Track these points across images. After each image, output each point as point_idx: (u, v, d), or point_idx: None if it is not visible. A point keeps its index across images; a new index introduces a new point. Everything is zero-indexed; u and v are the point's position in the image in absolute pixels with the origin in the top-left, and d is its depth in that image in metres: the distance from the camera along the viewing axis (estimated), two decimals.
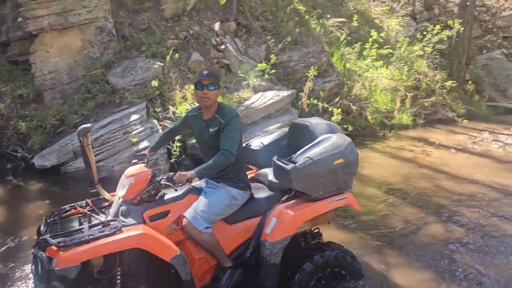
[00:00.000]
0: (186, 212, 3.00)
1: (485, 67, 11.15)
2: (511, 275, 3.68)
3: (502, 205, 5.10)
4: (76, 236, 2.63)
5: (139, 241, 2.66)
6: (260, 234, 3.19)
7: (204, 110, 3.16)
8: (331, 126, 3.52)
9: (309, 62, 8.04)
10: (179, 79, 6.54)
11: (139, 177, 2.92)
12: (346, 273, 3.35)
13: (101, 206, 3.14)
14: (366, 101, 8.33)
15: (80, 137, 3.06)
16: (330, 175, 3.18)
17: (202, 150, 3.31)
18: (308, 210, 3.19)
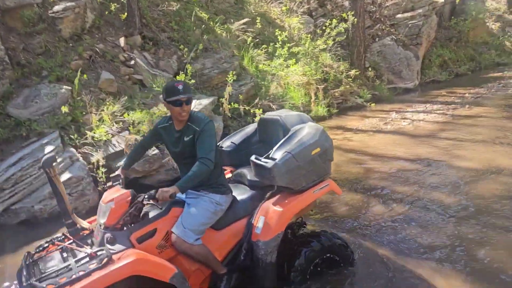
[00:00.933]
0: (173, 228, 2.93)
1: (379, 54, 12.03)
2: (456, 240, 3.95)
3: (425, 176, 5.49)
4: (66, 274, 2.49)
5: (135, 267, 2.56)
6: (250, 235, 3.17)
7: (177, 122, 3.07)
8: (301, 116, 3.56)
9: (222, 68, 8.01)
10: (92, 101, 6.09)
11: (119, 200, 2.82)
12: (340, 259, 3.46)
13: (81, 236, 2.99)
14: (283, 98, 8.53)
15: (45, 168, 2.87)
16: (310, 166, 3.20)
17: (178, 161, 3.22)
18: (294, 203, 3.20)
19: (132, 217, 2.87)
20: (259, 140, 3.81)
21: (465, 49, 14.80)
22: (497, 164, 5.66)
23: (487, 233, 3.98)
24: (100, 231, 2.83)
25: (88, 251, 2.66)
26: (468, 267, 3.50)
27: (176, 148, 3.11)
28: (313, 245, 3.33)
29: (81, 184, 5.10)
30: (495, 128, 7.49)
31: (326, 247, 3.36)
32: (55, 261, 2.76)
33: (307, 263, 3.27)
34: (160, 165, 5.79)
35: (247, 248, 3.17)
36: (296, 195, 3.23)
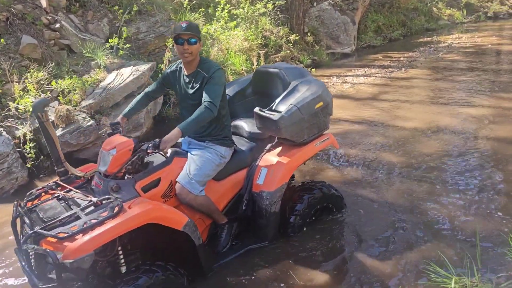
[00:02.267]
0: (178, 178, 2.91)
1: (318, 19, 11.97)
2: (406, 196, 4.02)
3: (371, 137, 5.55)
4: (76, 222, 2.41)
5: (151, 215, 2.53)
6: (251, 186, 3.25)
7: (185, 65, 3.03)
8: (301, 70, 3.56)
9: (159, 32, 7.50)
10: (13, 68, 5.43)
11: (121, 148, 2.73)
12: (333, 206, 3.68)
13: (76, 185, 2.88)
14: (224, 64, 8.22)
15: (37, 112, 2.70)
16: (313, 119, 3.28)
17: (185, 108, 3.12)
18: (298, 156, 3.31)
19: (135, 166, 2.78)
20: (254, 92, 3.79)
21: (397, 14, 15.20)
22: (436, 123, 5.86)
23: (434, 188, 4.09)
24: (102, 179, 2.74)
25: (93, 199, 2.58)
26: (420, 221, 3.56)
27: (184, 92, 3.08)
28: (315, 192, 3.49)
29: (7, 161, 4.56)
30: (430, 89, 7.77)
31: (326, 196, 3.56)
32: (57, 209, 2.63)
33: (309, 208, 3.44)
34: (96, 137, 5.34)
35: (248, 199, 3.24)
36: (299, 148, 3.33)
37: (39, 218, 2.56)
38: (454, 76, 8.58)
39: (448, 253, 3.04)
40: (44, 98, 2.89)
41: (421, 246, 3.23)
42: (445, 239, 3.30)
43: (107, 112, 5.65)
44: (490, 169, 4.41)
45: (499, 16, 17.70)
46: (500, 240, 3.18)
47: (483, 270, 2.75)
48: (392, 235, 3.40)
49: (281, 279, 3.00)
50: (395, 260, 3.10)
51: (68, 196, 2.74)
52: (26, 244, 2.39)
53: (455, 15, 17.22)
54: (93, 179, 2.86)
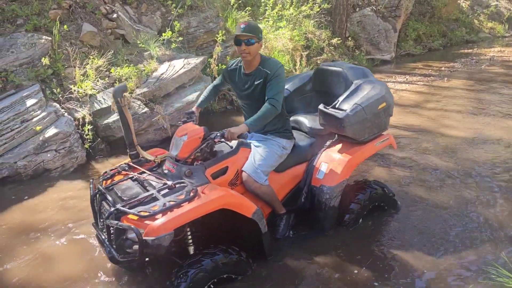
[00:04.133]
0: (245, 167, 3.05)
1: (359, 24, 11.97)
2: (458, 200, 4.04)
3: (419, 142, 5.56)
4: (154, 203, 2.57)
5: (225, 201, 2.66)
6: (310, 180, 3.37)
7: (245, 64, 3.13)
8: (364, 71, 3.64)
9: (208, 28, 7.69)
10: (75, 54, 5.67)
11: (192, 135, 2.89)
12: (386, 205, 3.77)
13: (147, 168, 3.03)
14: None
15: (117, 97, 2.90)
16: (375, 119, 3.37)
17: (245, 105, 3.28)
18: (359, 153, 3.41)
19: (203, 153, 2.94)
20: (313, 89, 3.87)
21: (438, 24, 15.02)
22: (483, 133, 5.83)
23: (484, 194, 4.11)
24: (175, 164, 2.89)
25: (168, 182, 2.72)
26: (472, 223, 3.59)
27: (244, 90, 3.18)
28: (369, 191, 3.58)
29: (69, 140, 4.79)
30: (474, 100, 7.70)
31: (379, 195, 3.65)
32: (133, 189, 2.79)
33: (363, 208, 3.53)
34: (149, 124, 5.54)
35: (307, 192, 3.36)
36: (360, 146, 3.42)
37: (118, 196, 2.74)
38: (498, 88, 8.47)
39: (507, 255, 3.07)
40: (123, 85, 3.05)
41: (477, 248, 3.27)
42: (500, 241, 3.32)
43: (159, 101, 5.85)
44: None
45: None
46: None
47: None
48: (447, 235, 3.45)
49: (333, 268, 3.11)
50: (454, 258, 3.15)
51: (141, 178, 2.89)
52: (108, 220, 2.54)
53: (496, 29, 16.89)
54: (164, 164, 3.00)
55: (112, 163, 5.05)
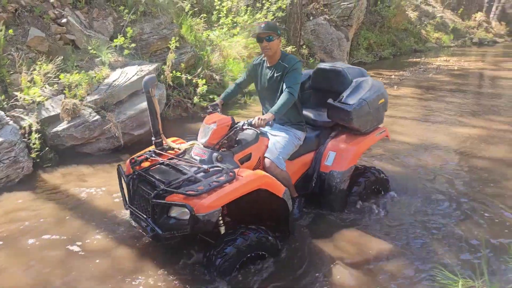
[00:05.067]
0: (267, 154, 3.39)
1: (313, 32, 12.25)
2: (421, 209, 4.20)
3: (374, 148, 5.74)
4: (200, 184, 2.79)
5: (262, 181, 2.94)
6: (319, 166, 3.78)
7: (268, 58, 3.52)
8: (362, 71, 4.11)
9: (162, 34, 7.59)
10: (22, 60, 5.43)
11: (221, 123, 3.15)
12: (382, 189, 4.20)
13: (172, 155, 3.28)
14: (223, 70, 8.35)
15: (148, 88, 3.12)
16: (375, 113, 3.84)
17: (265, 96, 3.63)
18: (364, 143, 3.89)
19: (230, 140, 3.21)
20: (311, 87, 4.18)
21: (388, 34, 15.65)
22: (431, 140, 6.10)
23: (438, 198, 4.30)
24: (206, 150, 3.14)
25: (203, 166, 2.97)
26: (428, 227, 3.73)
27: (265, 82, 3.55)
28: (368, 175, 4.03)
29: (14, 150, 4.56)
30: (422, 107, 8.06)
31: (377, 179, 4.09)
32: (171, 173, 3.03)
33: (365, 189, 3.97)
34: (101, 132, 5.38)
35: (317, 177, 3.77)
36: (363, 136, 3.88)
37: (157, 179, 2.94)
38: (445, 96, 8.91)
39: (454, 258, 3.21)
40: (153, 76, 3.23)
41: (430, 250, 3.40)
42: (451, 245, 3.47)
43: (111, 109, 5.70)
44: (488, 181, 4.64)
45: (483, 42, 18.38)
46: (502, 247, 3.37)
47: (488, 275, 2.91)
48: (396, 240, 3.57)
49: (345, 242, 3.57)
50: (402, 261, 3.25)
51: (173, 163, 3.14)
52: (155, 199, 2.78)
53: (442, 39, 17.81)
54: (193, 150, 3.27)
55: (62, 172, 4.87)
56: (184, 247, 3.33)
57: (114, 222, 3.80)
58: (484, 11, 20.15)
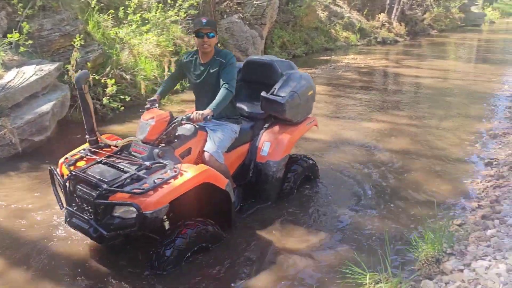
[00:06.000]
0: (207, 148, 3.44)
1: (228, 30, 12.20)
2: (326, 206, 4.29)
3: None
4: (146, 181, 2.81)
5: (207, 176, 3.02)
6: (255, 157, 3.91)
7: (202, 55, 3.54)
8: (290, 64, 4.34)
9: (65, 31, 7.04)
10: None
11: (159, 118, 3.16)
12: (313, 175, 4.53)
13: (110, 152, 3.22)
14: (134, 69, 7.99)
15: (80, 84, 3.02)
16: (306, 104, 4.06)
17: (200, 91, 3.67)
18: (297, 132, 4.10)
19: (169, 135, 3.22)
20: (242, 79, 4.24)
21: (300, 33, 16.09)
22: (340, 135, 6.35)
23: (340, 192, 4.45)
24: (146, 146, 3.13)
25: (145, 163, 2.98)
26: (334, 224, 3.85)
27: (199, 79, 3.57)
28: (301, 163, 4.25)
29: None
30: (333, 104, 8.38)
31: (309, 165, 4.37)
32: (110, 171, 2.95)
33: (297, 176, 4.19)
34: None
35: (253, 168, 3.89)
36: (295, 126, 4.08)
37: (97, 179, 2.86)
38: (353, 93, 9.37)
39: (361, 253, 3.33)
40: (85, 72, 3.14)
41: (337, 248, 3.50)
42: (357, 241, 3.61)
43: (6, 113, 5.17)
44: (393, 176, 4.92)
45: (386, 41, 19.65)
46: (404, 239, 3.58)
47: (393, 267, 3.07)
48: (304, 235, 3.63)
49: (282, 231, 3.79)
50: (313, 261, 3.31)
51: (111, 161, 3.07)
52: (99, 200, 2.75)
53: (350, 38, 18.73)
54: (132, 147, 3.22)
55: None
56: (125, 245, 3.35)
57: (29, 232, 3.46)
58: (386, 12, 21.55)
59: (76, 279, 3.06)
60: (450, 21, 26.36)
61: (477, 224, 3.59)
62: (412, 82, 10.95)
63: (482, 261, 2.81)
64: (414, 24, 23.13)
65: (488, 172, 4.93)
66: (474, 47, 19.82)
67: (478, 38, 23.34)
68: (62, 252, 3.35)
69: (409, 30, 22.24)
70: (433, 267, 2.97)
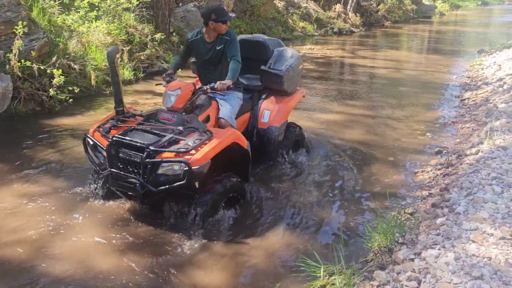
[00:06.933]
0: (222, 115, 3.92)
1: (183, 19, 11.94)
2: (280, 199, 4.26)
3: None
4: (186, 142, 3.24)
5: (235, 137, 3.52)
6: (257, 124, 4.42)
7: (210, 34, 4.01)
8: (279, 41, 4.85)
9: (6, 17, 6.58)
10: None
11: (185, 88, 3.57)
12: (300, 142, 5.07)
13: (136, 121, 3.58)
14: (84, 59, 7.63)
15: (111, 58, 3.36)
16: (297, 76, 4.64)
17: (206, 67, 4.15)
18: (292, 101, 4.70)
19: (192, 104, 3.65)
20: None
21: (257, 22, 16.00)
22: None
23: (299, 186, 4.43)
24: (174, 113, 3.52)
25: (179, 128, 3.38)
26: (289, 217, 3.83)
27: (206, 56, 4.06)
28: (292, 130, 4.82)
29: None
30: None
31: (298, 133, 4.95)
32: (149, 136, 3.35)
33: (289, 141, 4.76)
34: None
35: (256, 133, 4.37)
36: (290, 96, 4.65)
37: (139, 142, 3.24)
38: (309, 84, 9.40)
39: (316, 246, 3.32)
40: (116, 47, 3.55)
41: (292, 242, 3.47)
42: (311, 234, 3.60)
43: None
44: (348, 168, 4.96)
45: (342, 32, 19.90)
46: (359, 231, 3.60)
47: (346, 258, 3.08)
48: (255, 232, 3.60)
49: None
50: (268, 256, 3.28)
51: (144, 127, 3.45)
52: (148, 159, 3.16)
53: (307, 28, 18.82)
54: (160, 115, 3.58)
55: None
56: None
57: None
58: (342, 3, 21.81)
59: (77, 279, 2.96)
60: (403, 13, 27.04)
61: (428, 212, 3.67)
62: (367, 72, 11.15)
63: (432, 250, 2.86)
64: (369, 15, 23.56)
65: (438, 161, 5.07)
66: (425, 38, 20.45)
67: (429, 30, 24.09)
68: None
69: (364, 21, 22.64)
70: (385, 257, 3.01)
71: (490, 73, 9.30)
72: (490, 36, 19.63)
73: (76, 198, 3.95)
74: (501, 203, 3.10)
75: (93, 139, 3.47)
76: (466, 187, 3.64)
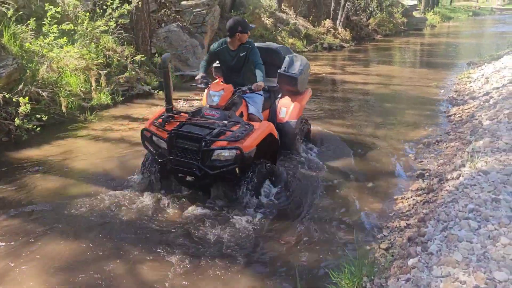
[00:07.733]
0: (251, 111, 4.76)
1: (166, 40, 11.73)
2: None
3: None
4: (235, 132, 4.00)
5: (271, 129, 4.28)
6: (275, 119, 5.18)
7: (234, 44, 4.76)
8: (288, 49, 5.86)
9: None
10: None
11: (227, 89, 4.35)
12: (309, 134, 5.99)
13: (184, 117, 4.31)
14: (57, 85, 7.39)
15: (166, 63, 4.15)
16: (306, 78, 5.41)
17: (231, 73, 4.92)
18: (303, 100, 5.51)
19: (231, 102, 4.41)
20: None
21: None
22: None
23: None
24: (217, 110, 4.24)
25: (224, 122, 4.13)
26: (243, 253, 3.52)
27: (231, 62, 4.82)
28: (305, 124, 5.74)
29: None
30: None
31: (309, 127, 5.93)
32: (201, 129, 4.03)
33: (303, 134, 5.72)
34: None
35: (276, 127, 4.58)
36: (301, 95, 5.44)
37: (195, 133, 3.96)
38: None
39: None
40: (168, 54, 4.34)
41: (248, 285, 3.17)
42: (266, 275, 3.31)
43: None
44: (323, 195, 4.66)
45: (332, 47, 19.77)
46: (320, 273, 3.30)
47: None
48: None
49: None
50: None
51: (194, 121, 4.16)
52: (206, 147, 3.87)
53: (296, 44, 18.68)
54: (204, 111, 4.31)
55: None
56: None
57: None
58: (331, 18, 21.73)
59: None
60: (393, 26, 26.97)
61: (403, 247, 3.38)
62: (355, 88, 10.91)
63: None
64: (359, 30, 23.48)
65: (419, 185, 4.79)
66: (416, 51, 20.32)
67: (421, 42, 24.00)
68: None
69: (355, 35, 22.53)
70: None
71: (477, 86, 9.06)
72: (481, 46, 19.50)
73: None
74: (477, 241, 2.81)
75: (152, 132, 4.11)
76: (443, 219, 3.34)
